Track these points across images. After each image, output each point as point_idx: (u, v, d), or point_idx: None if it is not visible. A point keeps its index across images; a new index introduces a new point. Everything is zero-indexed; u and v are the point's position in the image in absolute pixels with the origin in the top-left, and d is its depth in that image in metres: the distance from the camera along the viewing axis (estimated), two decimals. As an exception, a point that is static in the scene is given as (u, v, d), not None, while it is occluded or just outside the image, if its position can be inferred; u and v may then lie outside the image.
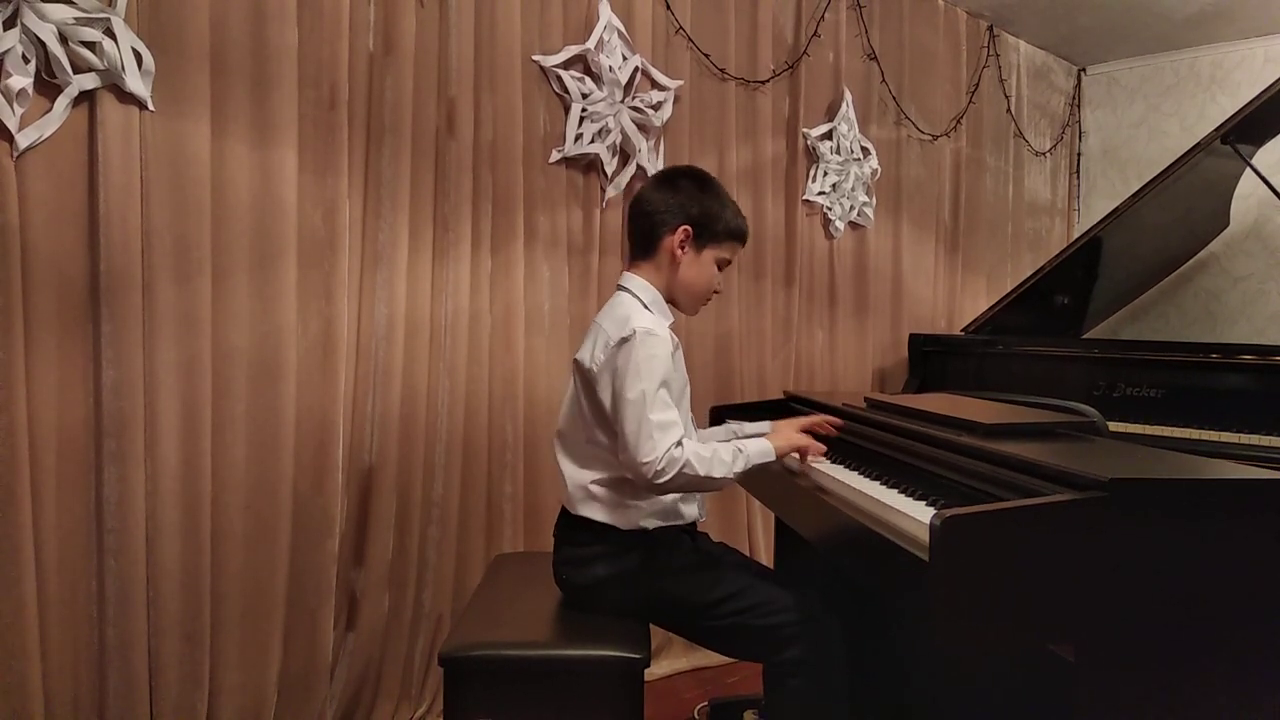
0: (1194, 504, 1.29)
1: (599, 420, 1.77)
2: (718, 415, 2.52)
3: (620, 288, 1.86)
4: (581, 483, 1.80)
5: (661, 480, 1.65)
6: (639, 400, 1.65)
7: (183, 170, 1.93)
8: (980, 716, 1.89)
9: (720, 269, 1.87)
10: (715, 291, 1.90)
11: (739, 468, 1.73)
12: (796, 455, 1.87)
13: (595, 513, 1.78)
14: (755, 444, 1.79)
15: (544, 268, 2.65)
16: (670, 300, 1.87)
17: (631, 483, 1.75)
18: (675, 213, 1.81)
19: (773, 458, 1.80)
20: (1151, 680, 1.28)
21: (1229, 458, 2.42)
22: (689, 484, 1.70)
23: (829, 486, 1.73)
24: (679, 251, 1.82)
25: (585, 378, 1.77)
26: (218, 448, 2.03)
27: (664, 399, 1.68)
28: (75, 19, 1.76)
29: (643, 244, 1.85)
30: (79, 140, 1.82)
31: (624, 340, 1.69)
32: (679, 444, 1.66)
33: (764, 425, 2.11)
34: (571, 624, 1.76)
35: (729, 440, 2.06)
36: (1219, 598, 1.30)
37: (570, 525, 1.83)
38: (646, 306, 1.80)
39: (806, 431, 1.90)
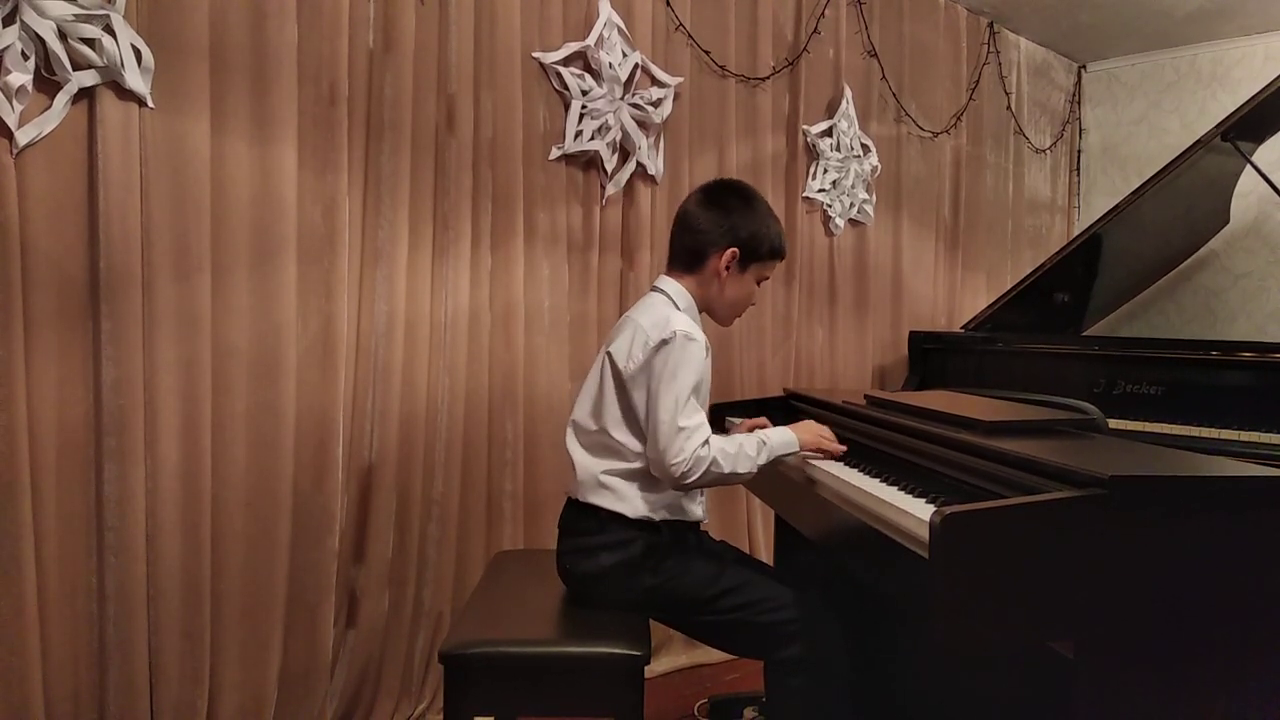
0: (1194, 501, 1.29)
1: (626, 417, 1.79)
2: (716, 413, 2.51)
3: (656, 289, 1.89)
4: (593, 471, 1.81)
5: (689, 480, 1.71)
6: (672, 405, 1.70)
7: (182, 167, 1.93)
8: (980, 713, 1.89)
9: (758, 284, 1.93)
10: (751, 304, 1.95)
11: (762, 460, 1.79)
12: (809, 453, 1.88)
13: (603, 500, 1.79)
14: (779, 434, 1.84)
15: (544, 265, 2.65)
16: (706, 310, 1.91)
17: (642, 476, 1.78)
18: (726, 235, 1.85)
19: (796, 449, 1.85)
20: (1151, 676, 1.28)
21: (1229, 455, 2.42)
22: (715, 480, 1.77)
23: (829, 484, 1.73)
24: (725, 272, 1.86)
25: (618, 375, 1.79)
26: (218, 445, 2.03)
27: (694, 404, 1.73)
28: (75, 16, 1.76)
29: (688, 260, 1.89)
30: (78, 137, 1.82)
31: (664, 342, 1.73)
32: (705, 443, 1.71)
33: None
34: (572, 621, 1.76)
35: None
36: (1219, 595, 1.30)
37: (577, 514, 1.84)
38: (680, 310, 1.83)
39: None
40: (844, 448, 1.90)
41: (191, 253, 1.95)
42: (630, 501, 1.79)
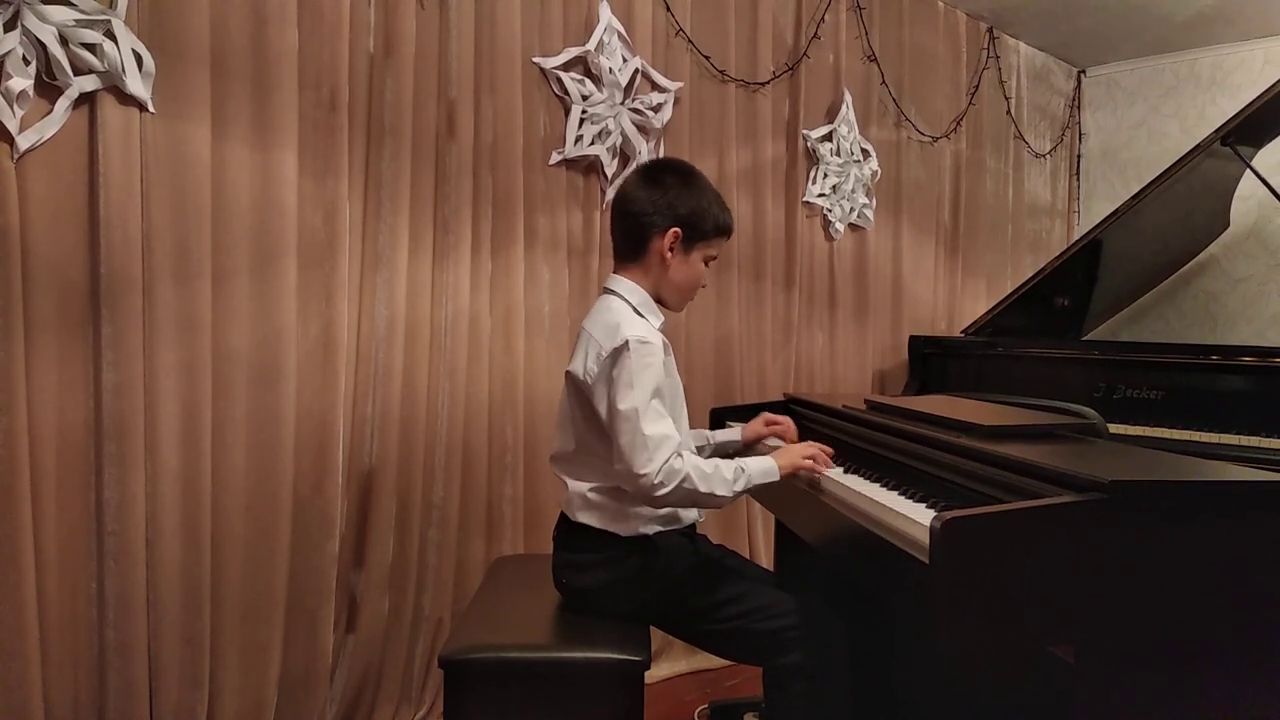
0: (1194, 506, 1.28)
1: (594, 430, 1.74)
2: (717, 417, 2.51)
3: (608, 290, 1.83)
4: (580, 491, 1.78)
5: (660, 493, 1.63)
6: (632, 414, 1.62)
7: (183, 172, 1.93)
8: (981, 719, 1.89)
9: (706, 264, 1.84)
10: (701, 286, 1.87)
11: (740, 487, 1.70)
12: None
13: (594, 520, 1.77)
14: (758, 463, 1.75)
15: (544, 270, 2.65)
16: (658, 299, 1.84)
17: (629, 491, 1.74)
18: (664, 214, 1.76)
19: (776, 477, 1.76)
20: (1151, 681, 1.28)
21: (1229, 459, 2.42)
22: (688, 498, 1.67)
23: (829, 489, 1.73)
24: (668, 254, 1.78)
25: (579, 389, 1.74)
26: (218, 450, 2.03)
27: (657, 410, 1.65)
28: (75, 21, 1.76)
29: (630, 246, 1.82)
30: (79, 142, 1.82)
31: (616, 350, 1.66)
32: (678, 455, 1.64)
33: (734, 431, 2.10)
34: (572, 626, 1.76)
35: (702, 448, 2.04)
36: (1219, 599, 1.30)
37: (569, 531, 1.82)
38: (636, 309, 1.77)
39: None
40: (826, 471, 1.78)
41: (192, 257, 1.96)
42: (621, 520, 1.76)
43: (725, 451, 2.10)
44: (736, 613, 1.75)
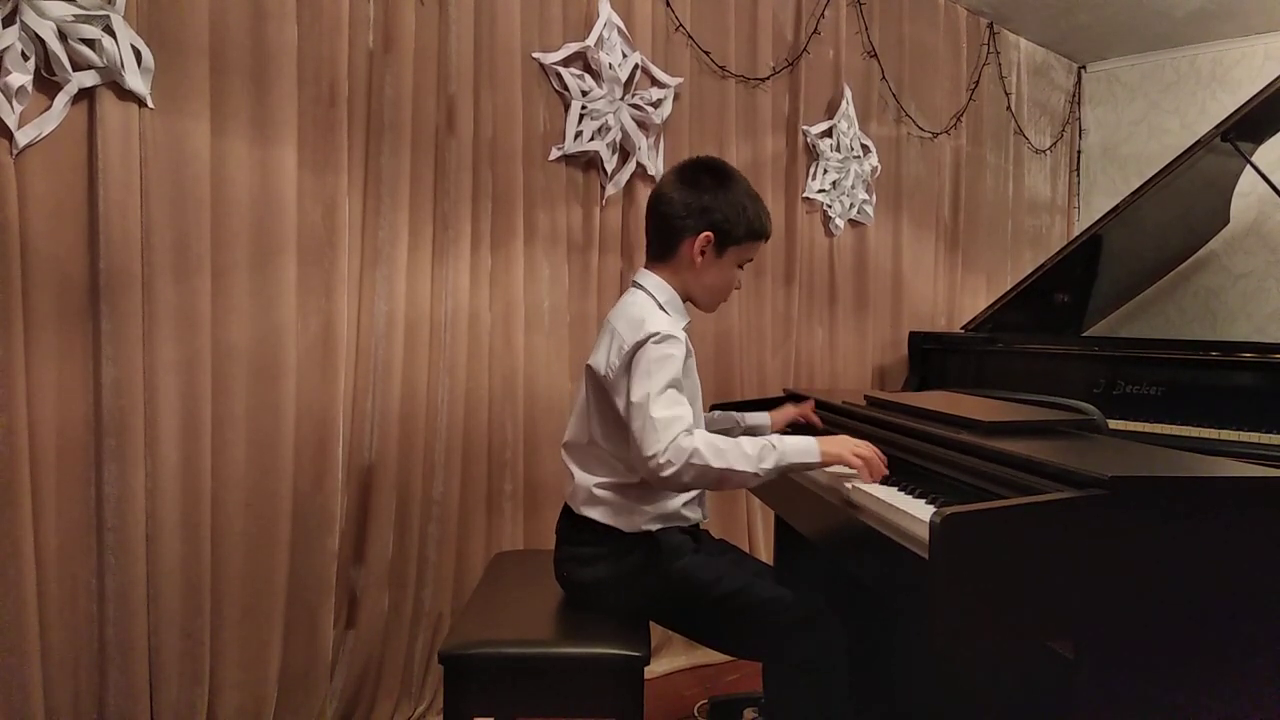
0: (1194, 502, 1.29)
1: (609, 426, 1.75)
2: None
3: (636, 285, 1.83)
4: (587, 484, 1.78)
5: (670, 472, 1.56)
6: (643, 400, 1.61)
7: (182, 168, 1.93)
8: (980, 713, 1.89)
9: (741, 267, 1.84)
10: (735, 288, 1.87)
11: (768, 464, 1.62)
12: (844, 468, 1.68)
13: (599, 514, 1.77)
14: (796, 441, 1.66)
15: (544, 265, 2.65)
16: (687, 298, 1.84)
17: (637, 487, 1.74)
18: (698, 217, 1.75)
19: (815, 459, 1.66)
20: (1151, 678, 1.28)
21: (1229, 455, 2.42)
22: (703, 475, 1.59)
23: (828, 484, 1.73)
24: (699, 257, 1.77)
25: (600, 385, 1.74)
26: (218, 445, 2.03)
27: (671, 397, 1.62)
28: (75, 16, 1.76)
29: (662, 245, 1.81)
30: (78, 138, 1.82)
31: (638, 344, 1.66)
32: (688, 432, 1.59)
33: (762, 416, 2.09)
34: (572, 622, 1.76)
35: (732, 430, 2.05)
36: (1219, 595, 1.30)
37: (573, 525, 1.82)
38: (662, 307, 1.77)
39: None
40: (885, 470, 1.65)
41: (191, 253, 1.95)
42: (625, 515, 1.76)
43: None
44: (737, 607, 1.74)
